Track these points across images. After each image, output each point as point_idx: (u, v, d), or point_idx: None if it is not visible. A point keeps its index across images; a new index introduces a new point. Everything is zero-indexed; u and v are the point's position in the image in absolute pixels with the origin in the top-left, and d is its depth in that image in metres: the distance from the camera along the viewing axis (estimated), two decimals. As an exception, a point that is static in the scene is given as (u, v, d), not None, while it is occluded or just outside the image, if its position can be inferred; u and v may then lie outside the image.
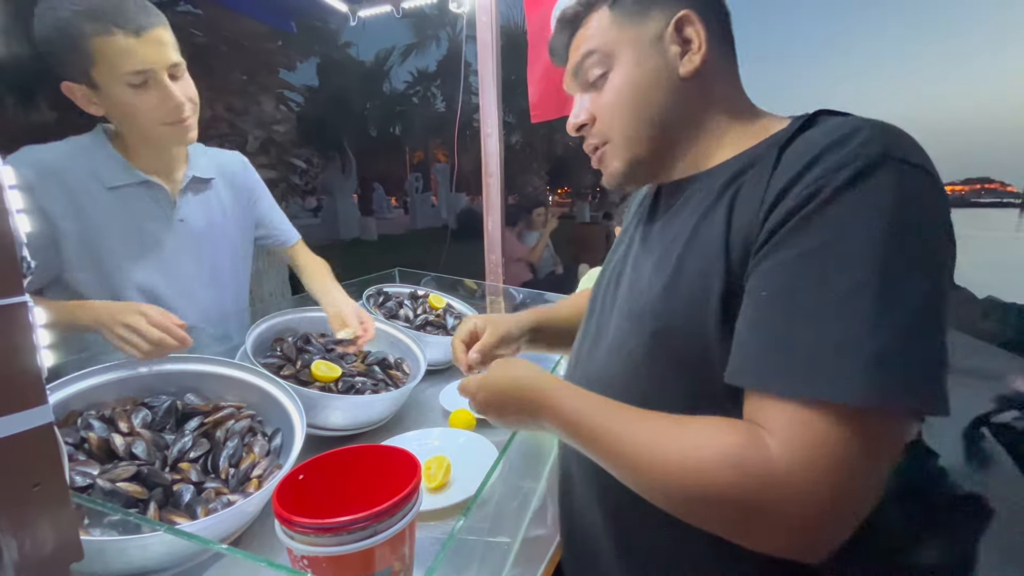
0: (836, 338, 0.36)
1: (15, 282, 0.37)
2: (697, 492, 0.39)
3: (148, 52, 0.81)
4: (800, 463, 0.36)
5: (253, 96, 4.12)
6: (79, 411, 0.71)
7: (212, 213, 1.05)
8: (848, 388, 0.35)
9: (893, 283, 0.36)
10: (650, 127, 0.54)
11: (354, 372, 1.03)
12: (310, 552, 0.49)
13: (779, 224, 0.40)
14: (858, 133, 0.40)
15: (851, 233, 0.37)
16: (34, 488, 0.40)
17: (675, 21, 0.51)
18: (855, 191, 0.38)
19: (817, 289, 0.38)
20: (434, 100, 13.43)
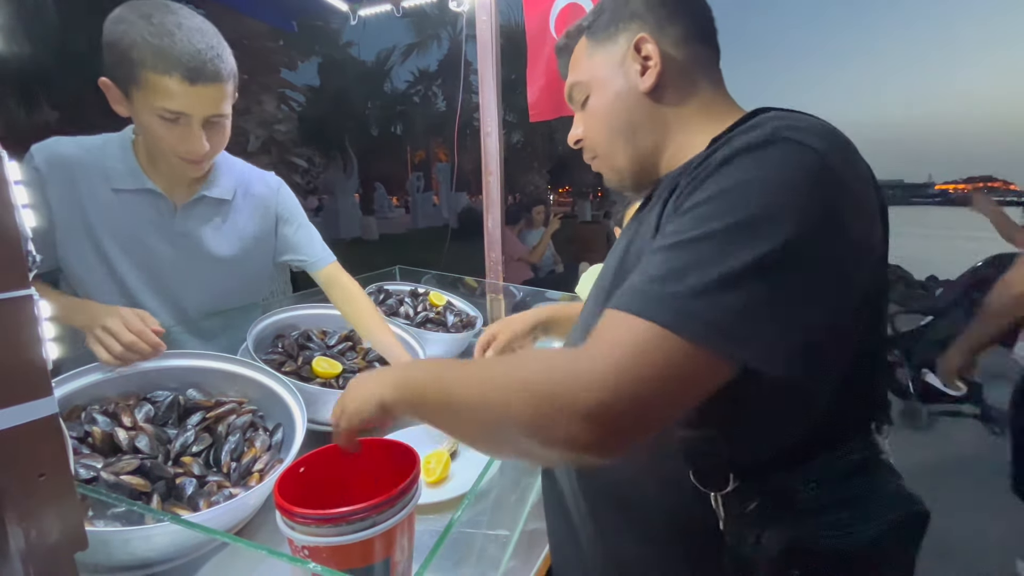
0: (667, 270, 0.41)
1: (21, 276, 0.37)
2: (511, 393, 0.42)
3: (192, 101, 0.81)
4: (599, 355, 0.40)
5: (255, 95, 4.14)
6: (82, 406, 0.72)
7: (220, 234, 1.02)
8: (654, 309, 0.39)
9: (733, 236, 0.39)
10: (624, 141, 0.60)
11: (355, 368, 1.04)
12: (311, 542, 0.49)
13: (679, 197, 0.46)
14: (761, 124, 0.44)
15: (718, 195, 0.42)
16: (39, 478, 0.40)
17: (634, 44, 0.56)
18: (739, 159, 0.42)
19: (675, 235, 0.42)
20: (435, 99, 13.45)
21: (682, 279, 0.40)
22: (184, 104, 0.80)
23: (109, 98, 0.84)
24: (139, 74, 0.78)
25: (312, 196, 14.23)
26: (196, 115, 0.83)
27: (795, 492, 0.46)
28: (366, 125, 13.04)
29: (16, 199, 0.38)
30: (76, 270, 0.92)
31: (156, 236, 0.96)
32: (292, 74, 5.13)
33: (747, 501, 0.46)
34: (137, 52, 0.77)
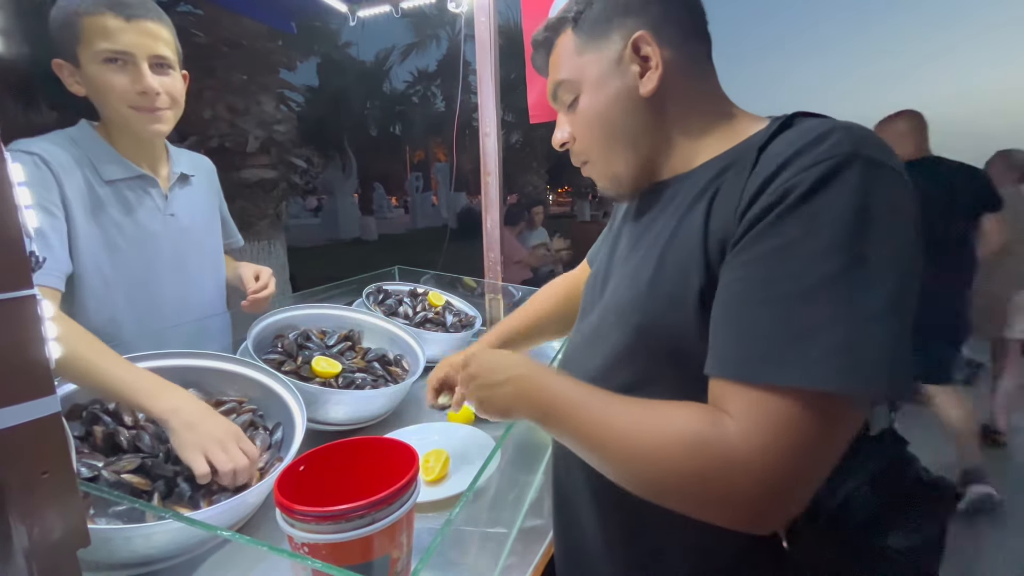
0: (798, 327, 0.38)
1: (24, 275, 0.38)
2: (657, 469, 0.42)
3: (131, 38, 0.84)
4: (757, 443, 0.38)
5: (254, 96, 4.13)
6: (84, 405, 0.73)
7: (195, 210, 1.07)
8: (804, 373, 0.37)
9: (857, 276, 0.38)
10: (620, 145, 0.56)
11: (354, 368, 1.04)
12: (310, 539, 0.50)
13: (754, 221, 0.42)
14: (830, 135, 0.42)
15: (820, 229, 0.39)
16: (42, 475, 0.41)
17: (631, 42, 0.52)
18: (825, 189, 0.39)
19: (785, 281, 0.39)
20: (434, 99, 13.44)
21: (826, 330, 0.37)
22: (125, 42, 0.84)
23: (64, 79, 0.88)
24: (78, 26, 0.82)
25: (311, 196, 14.23)
26: (140, 54, 0.86)
27: (857, 498, 0.44)
28: (365, 125, 13.04)
29: (19, 199, 0.38)
30: (83, 269, 0.90)
31: (153, 220, 0.98)
32: (291, 74, 5.12)
33: (815, 516, 0.44)
34: (75, 5, 0.82)
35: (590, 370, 0.58)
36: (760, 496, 0.38)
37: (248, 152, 4.04)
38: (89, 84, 0.87)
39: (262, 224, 4.32)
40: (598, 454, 0.47)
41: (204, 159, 1.16)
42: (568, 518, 0.64)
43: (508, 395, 0.54)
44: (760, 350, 0.39)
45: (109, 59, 0.84)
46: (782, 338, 0.38)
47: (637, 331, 0.51)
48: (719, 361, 0.43)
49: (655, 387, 0.50)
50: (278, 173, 4.28)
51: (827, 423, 0.38)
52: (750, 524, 0.40)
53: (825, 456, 0.39)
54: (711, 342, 0.44)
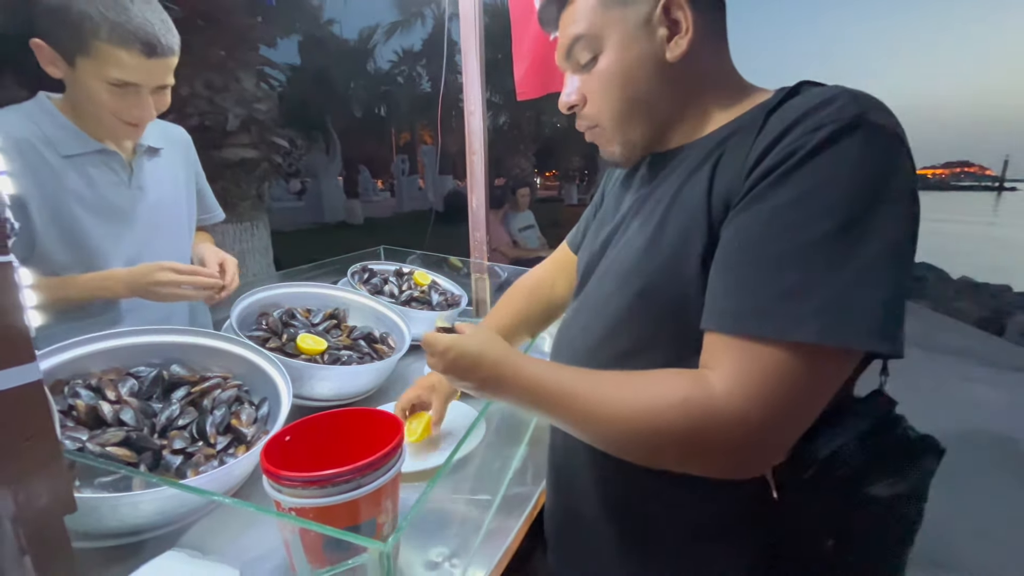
0: (788, 283, 0.40)
1: (0, 243, 0.38)
2: (648, 432, 0.44)
3: (145, 73, 0.84)
4: (739, 395, 0.40)
5: (232, 72, 4.01)
6: (65, 380, 0.72)
7: (164, 182, 1.06)
8: (799, 328, 0.39)
9: (853, 236, 0.39)
10: (639, 111, 0.55)
11: (340, 346, 1.05)
12: (297, 503, 0.51)
13: (758, 180, 0.43)
14: (835, 99, 0.43)
15: (820, 189, 0.40)
16: (26, 442, 0.41)
17: (663, 4, 0.50)
18: (828, 151, 0.41)
19: (782, 238, 0.41)
20: (420, 80, 13.19)
21: (816, 287, 0.39)
22: (138, 76, 0.84)
23: (40, 58, 0.85)
24: (90, 44, 0.80)
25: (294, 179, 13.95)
26: (147, 85, 0.86)
27: (843, 453, 0.46)
28: (349, 106, 12.76)
29: (-8, 166, 0.38)
30: (54, 244, 0.89)
31: (118, 194, 0.97)
32: (272, 52, 4.97)
33: (804, 469, 0.46)
34: (90, 24, 0.79)
35: (588, 339, 0.59)
36: (744, 445, 0.41)
37: (228, 131, 3.94)
38: (79, 87, 0.85)
39: (244, 205, 4.24)
40: (589, 429, 0.48)
41: (178, 129, 1.13)
42: (564, 482, 0.66)
43: (487, 388, 0.55)
44: (749, 304, 0.41)
45: (115, 84, 0.83)
46: (771, 293, 0.40)
47: (639, 295, 0.52)
48: (714, 313, 0.45)
49: (655, 351, 0.52)
50: (260, 153, 4.18)
51: (809, 375, 0.40)
52: (735, 471, 0.43)
53: (806, 406, 0.41)
54: (707, 296, 0.46)
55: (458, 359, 0.55)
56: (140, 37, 0.80)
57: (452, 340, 0.57)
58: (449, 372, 0.57)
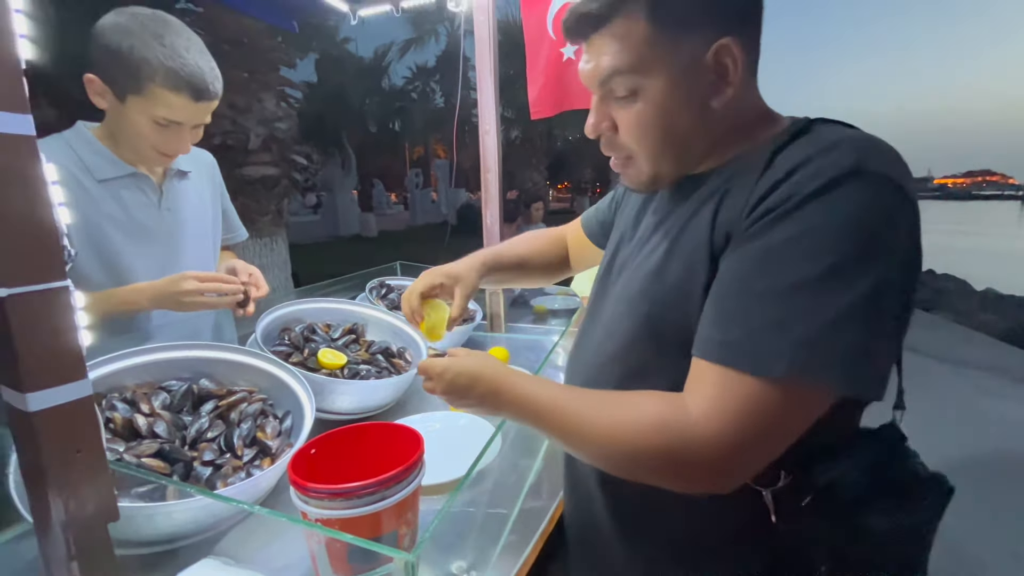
0: (771, 319, 0.42)
1: (59, 269, 0.41)
2: (629, 450, 0.47)
3: (189, 112, 0.92)
4: (715, 420, 0.43)
5: (254, 93, 4.15)
6: (103, 393, 0.76)
7: (192, 204, 1.11)
8: (771, 363, 0.41)
9: (837, 281, 0.41)
10: (675, 148, 0.55)
11: (359, 360, 1.08)
12: (323, 515, 0.53)
13: (756, 219, 0.45)
14: (839, 145, 0.44)
15: (811, 233, 0.42)
16: (76, 453, 0.44)
17: (715, 49, 0.49)
18: (821, 199, 0.42)
19: (769, 276, 0.43)
20: (433, 95, 13.40)
21: (793, 326, 0.41)
22: (183, 116, 0.92)
23: (90, 91, 0.92)
24: (145, 86, 0.87)
25: (311, 193, 14.22)
26: (189, 123, 0.94)
27: (844, 482, 0.47)
28: (364, 122, 13.01)
29: (54, 198, 0.41)
30: (88, 264, 0.95)
31: (149, 216, 1.03)
32: (290, 71, 5.13)
33: (801, 496, 0.48)
34: (148, 68, 0.86)
35: (600, 355, 0.61)
36: (714, 467, 0.44)
37: (250, 149, 4.06)
38: (124, 120, 0.92)
39: (264, 221, 4.34)
40: (574, 444, 0.52)
41: (204, 154, 1.20)
42: (579, 491, 0.68)
43: (485, 406, 0.59)
44: (730, 335, 0.44)
45: (160, 122, 0.91)
46: (752, 328, 0.43)
47: (646, 320, 0.54)
48: (700, 341, 0.47)
49: (660, 375, 0.54)
50: (279, 170, 4.30)
51: (780, 407, 0.42)
52: (704, 488, 0.46)
53: (777, 434, 0.44)
54: (699, 325, 0.48)
55: (456, 379, 0.59)
56: (191, 84, 0.88)
57: (448, 361, 0.60)
58: (448, 392, 0.60)
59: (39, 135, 1.01)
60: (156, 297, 0.93)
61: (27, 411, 0.40)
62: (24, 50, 0.40)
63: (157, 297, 0.93)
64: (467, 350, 0.64)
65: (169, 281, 0.92)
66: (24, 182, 0.39)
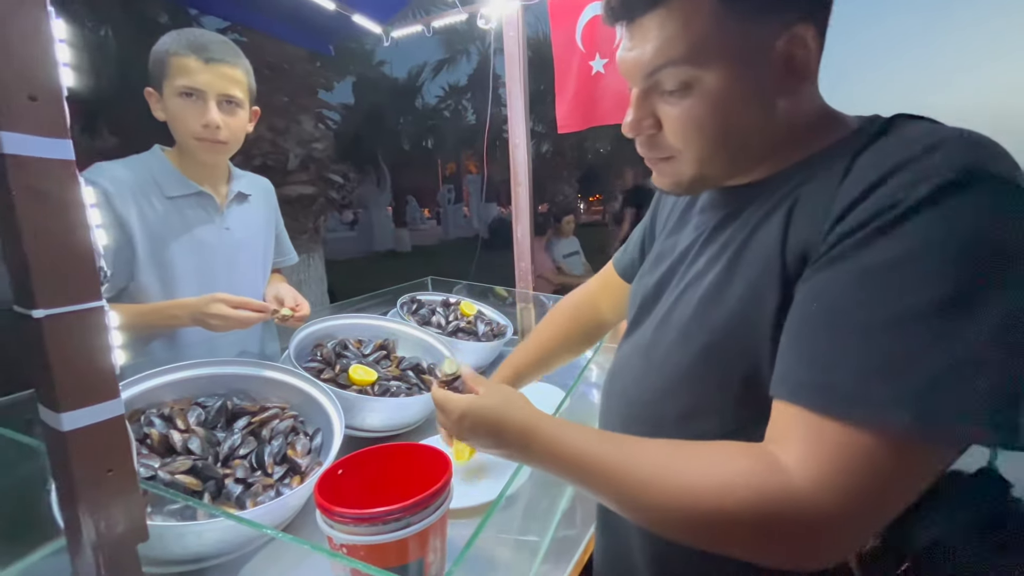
0: (881, 360, 0.34)
1: (94, 289, 0.42)
2: (715, 516, 0.38)
3: (206, 78, 0.96)
4: (824, 483, 0.35)
5: (294, 116, 4.32)
6: (142, 409, 0.78)
7: (250, 225, 1.17)
8: (889, 414, 0.34)
9: (961, 310, 0.33)
10: (729, 151, 0.47)
11: (389, 376, 1.07)
12: (349, 540, 0.52)
13: (844, 236, 0.38)
14: (941, 145, 0.37)
15: (922, 253, 0.35)
16: (108, 473, 0.44)
17: (789, 37, 0.42)
18: (932, 209, 0.35)
19: (874, 307, 0.35)
20: (465, 113, 13.69)
21: (914, 367, 0.33)
22: (199, 80, 0.96)
23: (151, 105, 1.00)
24: (167, 63, 0.95)
25: (347, 210, 14.69)
26: (210, 92, 0.97)
27: (946, 545, 0.39)
28: (398, 140, 13.39)
29: (91, 220, 0.42)
30: (148, 276, 1.01)
31: (208, 233, 1.08)
32: (328, 93, 5.33)
33: (894, 562, 0.40)
34: (167, 47, 0.95)
35: (646, 391, 0.53)
36: (819, 536, 0.36)
37: (289, 169, 4.22)
38: (167, 112, 1.00)
39: (302, 239, 4.48)
40: (632, 507, 0.43)
41: (264, 181, 1.27)
42: (611, 523, 0.62)
43: (515, 455, 0.50)
44: (831, 377, 0.36)
45: (184, 93, 0.96)
46: (861, 370, 0.35)
47: (703, 353, 0.47)
48: (788, 383, 0.39)
49: (721, 415, 0.47)
50: (317, 189, 4.44)
51: (898, 465, 0.34)
52: (800, 563, 0.38)
53: (893, 498, 0.36)
54: (779, 361, 0.40)
55: (476, 427, 0.51)
56: (194, 45, 0.95)
57: (467, 405, 0.52)
58: (466, 439, 0.53)
59: (102, 159, 1.08)
60: (193, 314, 0.96)
61: (61, 430, 0.40)
62: (67, 78, 0.41)
63: (194, 314, 0.96)
64: (488, 386, 0.56)
65: (202, 301, 0.96)
66: (62, 205, 0.40)
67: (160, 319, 0.98)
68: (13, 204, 0.37)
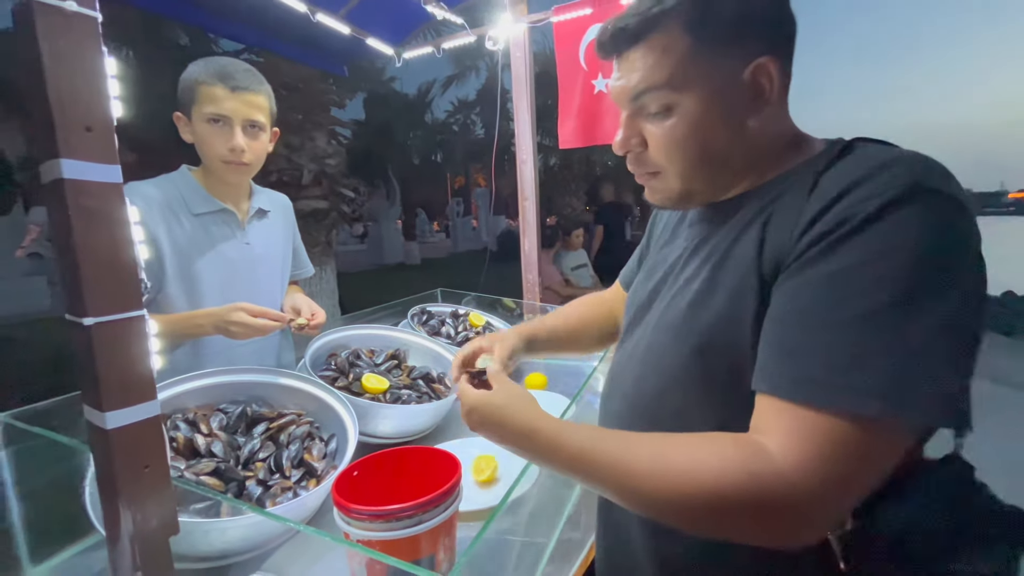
0: (853, 352, 0.39)
1: (137, 299, 0.46)
2: (711, 501, 0.42)
3: (231, 105, 1.03)
4: (805, 467, 0.39)
5: (308, 133, 4.44)
6: (168, 414, 0.82)
7: (269, 240, 1.23)
8: (861, 400, 0.38)
9: (913, 307, 0.38)
10: (707, 166, 0.53)
11: (400, 385, 1.11)
12: (364, 536, 0.55)
13: (811, 244, 0.43)
14: (892, 164, 0.42)
15: (876, 258, 0.40)
16: (145, 469, 0.48)
17: (753, 68, 0.49)
18: (882, 221, 0.40)
19: (838, 307, 0.40)
20: (474, 127, 13.86)
21: (879, 359, 0.38)
22: (226, 108, 1.02)
23: (180, 128, 1.07)
24: (196, 91, 1.02)
25: (358, 224, 14.87)
26: (236, 118, 1.03)
27: (921, 524, 0.44)
28: (408, 154, 13.58)
29: (135, 236, 0.46)
30: (174, 289, 1.07)
31: (231, 248, 1.14)
32: (340, 110, 5.46)
33: (873, 540, 0.44)
34: (195, 75, 1.01)
35: (643, 390, 0.58)
36: (805, 515, 0.40)
37: (302, 185, 4.33)
38: (195, 136, 1.06)
39: (314, 252, 4.57)
40: (632, 497, 0.46)
41: (282, 197, 1.33)
42: (612, 524, 0.65)
43: (517, 451, 0.53)
44: (808, 372, 0.41)
45: (212, 119, 1.03)
46: (832, 362, 0.40)
47: (694, 353, 0.51)
48: (768, 378, 0.44)
49: (711, 410, 0.51)
50: (329, 203, 4.54)
51: (870, 446, 0.39)
52: (788, 541, 0.42)
53: (867, 476, 0.40)
54: (759, 358, 0.45)
55: (483, 421, 0.55)
56: (222, 74, 1.01)
57: (475, 401, 0.56)
58: (475, 430, 0.56)
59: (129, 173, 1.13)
60: (216, 323, 1.01)
61: (105, 428, 0.44)
62: (117, 110, 0.45)
63: (217, 323, 1.01)
64: (501, 384, 0.59)
65: (225, 310, 1.00)
66: (110, 223, 0.44)
67: (186, 328, 1.03)
68: (70, 223, 0.42)
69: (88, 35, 0.42)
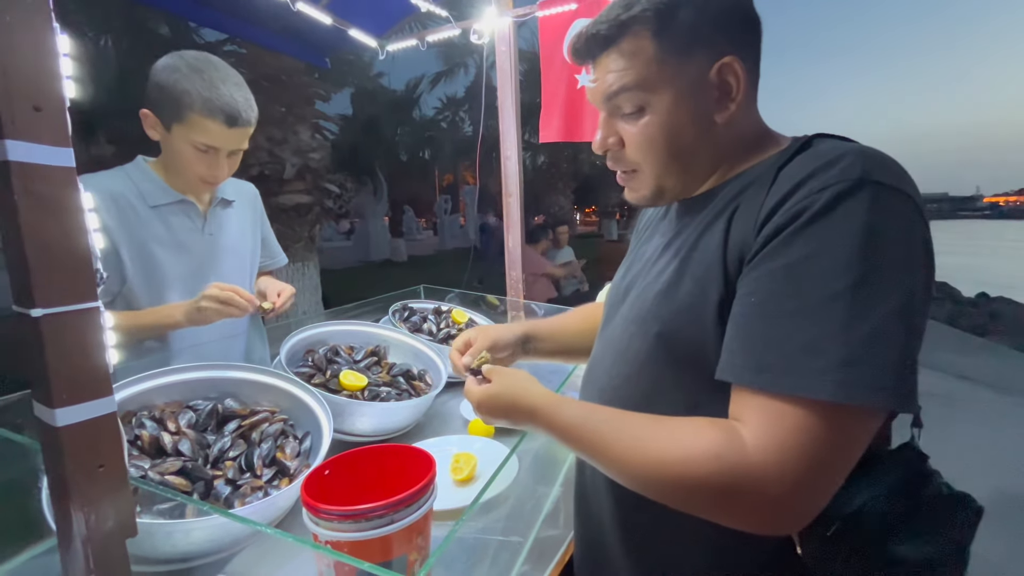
0: (808, 340, 0.41)
1: (91, 290, 0.44)
2: (682, 481, 0.44)
3: (224, 138, 1.00)
4: (772, 452, 0.41)
5: (291, 126, 4.36)
6: (134, 411, 0.79)
7: (233, 230, 1.20)
8: (816, 385, 0.40)
9: (864, 293, 0.40)
10: (680, 163, 0.56)
11: (379, 382, 1.09)
12: (333, 537, 0.53)
13: (768, 238, 0.45)
14: (842, 159, 0.44)
15: (826, 249, 0.42)
16: (99, 469, 0.46)
17: (719, 67, 0.51)
18: (832, 212, 0.42)
19: (796, 296, 0.42)
20: (462, 124, 13.81)
21: (830, 344, 0.40)
22: (219, 141, 1.00)
23: (145, 125, 1.02)
24: (186, 114, 0.96)
25: (344, 220, 14.73)
26: (224, 149, 1.02)
27: (871, 509, 0.46)
28: (395, 151, 13.48)
29: (89, 224, 0.44)
30: (137, 282, 1.03)
31: (192, 239, 1.11)
32: (325, 104, 5.38)
33: (827, 525, 0.46)
34: (188, 98, 0.95)
35: (614, 376, 0.60)
36: (777, 502, 0.41)
37: (285, 179, 4.25)
38: (171, 148, 1.02)
39: (297, 247, 4.50)
40: (624, 473, 0.49)
41: (248, 186, 1.29)
42: (588, 517, 0.66)
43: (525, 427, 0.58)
44: (770, 360, 0.42)
45: (199, 148, 0.99)
46: (786, 349, 0.42)
47: (658, 340, 0.54)
48: (730, 366, 0.46)
49: (676, 394, 0.53)
50: (312, 198, 4.47)
51: (836, 432, 0.40)
52: (772, 528, 0.43)
53: (838, 463, 0.41)
54: (725, 348, 0.47)
55: (493, 411, 0.59)
56: (225, 111, 0.96)
57: (481, 396, 0.59)
58: (487, 421, 0.61)
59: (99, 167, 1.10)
60: (188, 311, 0.99)
61: (55, 426, 0.42)
62: (70, 90, 0.43)
63: (189, 310, 0.99)
64: (501, 375, 0.61)
65: (197, 298, 0.98)
66: (62, 209, 0.42)
67: (157, 319, 1.01)
68: (16, 208, 0.39)
69: (37, 11, 0.40)
